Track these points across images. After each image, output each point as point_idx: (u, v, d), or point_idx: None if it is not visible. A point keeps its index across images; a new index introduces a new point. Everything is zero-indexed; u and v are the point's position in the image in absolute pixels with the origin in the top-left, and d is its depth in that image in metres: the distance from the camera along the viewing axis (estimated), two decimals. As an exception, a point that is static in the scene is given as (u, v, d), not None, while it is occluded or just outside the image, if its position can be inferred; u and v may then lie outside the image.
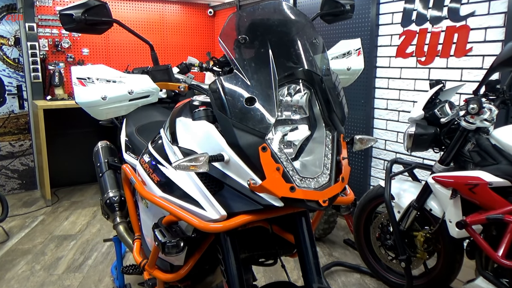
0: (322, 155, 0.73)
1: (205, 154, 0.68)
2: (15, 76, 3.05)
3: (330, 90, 0.76)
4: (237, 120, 0.69)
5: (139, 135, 1.34)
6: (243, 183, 0.70)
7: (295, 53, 0.75)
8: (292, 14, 0.82)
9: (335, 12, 1.03)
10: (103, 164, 1.55)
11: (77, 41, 3.25)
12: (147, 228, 1.03)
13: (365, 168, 2.42)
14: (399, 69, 2.18)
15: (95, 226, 2.52)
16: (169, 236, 0.78)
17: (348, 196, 0.85)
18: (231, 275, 0.78)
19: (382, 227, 1.70)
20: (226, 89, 0.72)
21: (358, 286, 1.81)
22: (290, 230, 0.88)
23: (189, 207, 0.75)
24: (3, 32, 2.95)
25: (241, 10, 0.83)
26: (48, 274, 1.93)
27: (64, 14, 0.86)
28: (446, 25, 1.93)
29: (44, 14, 3.09)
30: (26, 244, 2.25)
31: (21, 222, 2.57)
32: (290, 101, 0.74)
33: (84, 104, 0.85)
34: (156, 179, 0.86)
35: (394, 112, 2.25)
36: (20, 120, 3.12)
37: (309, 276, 0.79)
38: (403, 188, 1.63)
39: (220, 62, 1.01)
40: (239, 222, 0.70)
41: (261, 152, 0.67)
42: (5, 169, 3.10)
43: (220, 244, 0.80)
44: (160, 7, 3.57)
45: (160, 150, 0.89)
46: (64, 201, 3.00)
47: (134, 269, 1.46)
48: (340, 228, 2.38)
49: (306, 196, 0.68)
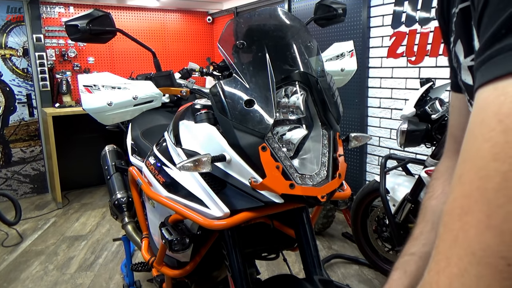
0: (319, 153, 0.74)
1: (207, 155, 0.70)
2: (25, 85, 3.12)
3: (325, 90, 0.78)
4: (237, 122, 0.71)
5: (144, 139, 1.37)
6: (244, 182, 0.71)
7: (291, 56, 0.77)
8: (287, 19, 0.83)
9: (328, 16, 1.05)
10: (110, 167, 1.58)
11: (83, 51, 3.31)
12: (154, 227, 1.06)
13: (360, 164, 2.45)
14: (391, 69, 2.20)
15: (104, 227, 2.57)
16: (175, 234, 0.80)
17: (345, 192, 0.86)
18: (235, 270, 0.80)
19: (378, 220, 1.73)
20: (226, 92, 0.74)
21: (357, 277, 1.83)
22: (290, 225, 0.90)
23: (194, 206, 0.77)
24: (12, 44, 3.02)
25: (239, 17, 0.85)
26: (61, 273, 1.98)
27: (70, 25, 0.89)
28: (434, 26, 1.94)
29: (51, 25, 3.15)
30: (39, 245, 2.31)
31: (34, 225, 2.64)
32: (287, 102, 0.76)
33: (91, 110, 0.88)
34: (162, 180, 0.89)
35: (387, 110, 2.26)
36: (30, 127, 3.20)
37: (310, 269, 0.82)
38: (398, 182, 1.65)
39: (219, 67, 1.04)
40: (241, 219, 0.72)
41: (261, 152, 0.69)
42: (17, 174, 3.18)
43: (224, 240, 0.82)
44: (161, 16, 3.61)
45: (165, 152, 0.92)
46: (74, 203, 3.06)
47: (143, 267, 1.49)
48: (339, 222, 2.41)
49: (305, 192, 0.69)
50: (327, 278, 0.81)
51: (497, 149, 0.17)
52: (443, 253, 0.19)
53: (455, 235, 0.18)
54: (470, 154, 0.19)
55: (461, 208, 0.18)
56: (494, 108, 0.17)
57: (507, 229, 0.16)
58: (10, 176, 3.15)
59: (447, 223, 0.19)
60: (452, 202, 0.19)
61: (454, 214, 0.19)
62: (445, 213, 0.20)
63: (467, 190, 0.18)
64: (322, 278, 0.80)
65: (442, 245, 0.20)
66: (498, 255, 0.16)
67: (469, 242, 0.18)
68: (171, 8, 3.63)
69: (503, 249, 0.16)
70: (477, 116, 0.19)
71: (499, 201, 0.17)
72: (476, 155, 0.18)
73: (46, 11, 3.13)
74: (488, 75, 0.18)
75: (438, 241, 0.20)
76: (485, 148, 0.18)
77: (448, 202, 0.20)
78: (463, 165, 0.19)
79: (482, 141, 0.18)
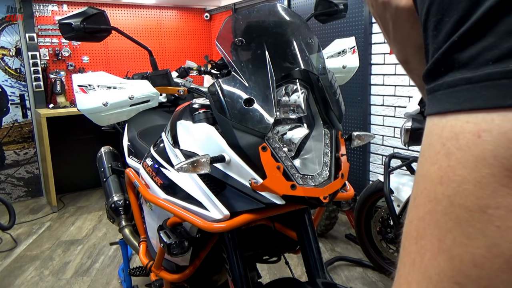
0: (321, 153, 0.74)
1: (206, 156, 0.69)
2: (18, 86, 3.08)
3: (327, 88, 0.77)
4: (237, 121, 0.70)
5: (141, 139, 1.36)
6: (244, 183, 0.70)
7: (291, 54, 0.76)
8: (287, 16, 0.83)
9: (329, 12, 1.04)
10: (106, 169, 1.56)
11: (77, 50, 3.27)
12: (152, 230, 1.05)
13: (363, 163, 2.43)
14: (394, 65, 2.19)
15: (101, 230, 2.54)
16: (174, 237, 0.79)
17: (348, 192, 0.85)
18: (236, 274, 0.79)
19: (382, 221, 1.72)
20: (225, 91, 0.73)
21: (361, 280, 1.82)
22: (292, 227, 0.89)
23: (192, 208, 0.76)
24: (4, 43, 2.98)
25: (237, 13, 0.84)
26: (56, 279, 1.95)
27: (64, 24, 0.88)
28: None
29: (44, 24, 3.11)
30: (34, 250, 2.28)
31: (28, 229, 2.60)
32: (288, 100, 0.75)
33: (86, 111, 0.87)
34: (159, 181, 0.87)
35: (390, 108, 2.25)
36: (24, 129, 3.16)
37: (313, 272, 0.81)
38: (402, 182, 1.64)
39: (218, 65, 1.02)
40: (242, 221, 0.71)
41: (261, 152, 0.68)
42: (11, 177, 3.14)
43: (224, 243, 0.81)
44: (157, 13, 3.59)
45: (162, 153, 0.90)
46: (70, 206, 3.03)
47: (141, 271, 1.47)
48: (342, 224, 2.39)
49: (307, 193, 0.68)
50: (331, 281, 0.80)
51: (442, 173, 0.17)
52: (403, 277, 0.19)
53: (412, 259, 0.19)
54: (421, 177, 0.19)
55: (417, 231, 0.19)
56: (438, 131, 0.18)
57: (456, 254, 0.16)
58: (3, 179, 3.11)
59: (405, 246, 0.20)
60: (409, 225, 0.20)
61: (411, 237, 0.19)
62: (404, 236, 0.20)
63: (421, 213, 0.18)
64: (325, 281, 0.79)
65: (402, 268, 0.20)
66: (452, 280, 0.16)
67: (425, 266, 0.18)
68: (167, 5, 3.60)
69: (455, 274, 0.16)
70: (426, 139, 0.19)
71: (448, 225, 0.17)
72: (425, 179, 0.18)
73: (39, 9, 3.09)
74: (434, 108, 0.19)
75: (399, 264, 0.20)
76: (432, 171, 0.18)
77: (405, 225, 0.20)
78: (416, 187, 0.19)
79: (430, 164, 0.18)
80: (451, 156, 0.17)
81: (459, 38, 0.17)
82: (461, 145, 0.16)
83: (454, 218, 0.16)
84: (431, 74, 0.19)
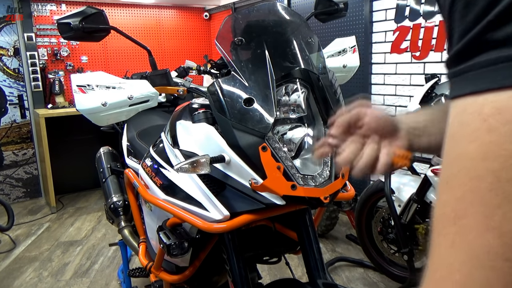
0: None
1: (206, 156, 0.69)
2: (16, 86, 3.07)
3: (327, 88, 0.76)
4: (237, 121, 0.69)
5: (140, 140, 1.35)
6: (244, 183, 0.70)
7: (291, 53, 0.75)
8: (287, 15, 0.82)
9: (329, 11, 1.03)
10: (106, 169, 1.56)
11: (76, 49, 3.26)
12: (152, 231, 1.04)
13: (365, 163, 2.43)
14: (395, 64, 2.19)
15: (100, 231, 2.54)
16: (173, 238, 0.78)
17: (349, 192, 0.85)
18: (236, 274, 0.79)
19: (383, 221, 1.71)
20: (225, 91, 0.73)
21: (362, 280, 1.81)
22: (293, 228, 0.89)
23: (192, 209, 0.76)
24: (2, 43, 2.97)
25: (237, 13, 0.83)
26: (55, 280, 1.95)
27: (62, 23, 0.87)
28: (439, 20, 1.93)
29: (42, 23, 3.10)
30: (33, 251, 2.27)
31: (27, 230, 2.59)
32: (288, 100, 0.75)
33: (85, 111, 0.86)
34: (159, 182, 0.87)
35: (391, 107, 2.25)
36: (22, 129, 3.14)
37: (313, 272, 0.80)
38: (403, 182, 1.64)
39: (217, 65, 1.02)
40: (242, 222, 0.71)
41: (261, 152, 0.68)
42: (10, 178, 3.12)
43: (224, 244, 0.81)
44: (156, 12, 3.58)
45: (162, 154, 0.90)
46: (68, 207, 3.02)
47: (141, 272, 1.47)
48: (342, 224, 2.39)
49: (307, 193, 0.68)
50: (331, 282, 0.80)
51: (485, 148, 0.17)
52: (440, 260, 0.19)
53: (451, 240, 0.18)
54: (455, 158, 0.18)
55: (455, 212, 0.18)
56: (476, 108, 0.17)
57: (508, 231, 0.16)
58: (2, 180, 3.09)
59: (439, 229, 0.19)
60: (443, 208, 0.19)
61: (448, 218, 0.18)
62: (436, 219, 0.19)
63: (459, 193, 0.18)
64: (326, 282, 0.78)
65: (437, 252, 0.19)
66: (503, 258, 0.16)
67: (469, 245, 0.17)
68: (166, 5, 3.59)
69: (506, 250, 0.16)
70: (456, 119, 0.19)
71: (495, 201, 0.16)
72: (463, 157, 0.18)
73: (37, 9, 3.08)
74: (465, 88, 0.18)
75: (432, 249, 0.20)
76: (471, 148, 0.17)
77: (437, 209, 0.19)
78: (449, 169, 0.19)
79: (468, 142, 0.18)
80: (495, 131, 0.16)
81: (495, 17, 0.17)
82: (506, 119, 0.16)
83: (501, 193, 0.16)
84: (460, 56, 0.19)
